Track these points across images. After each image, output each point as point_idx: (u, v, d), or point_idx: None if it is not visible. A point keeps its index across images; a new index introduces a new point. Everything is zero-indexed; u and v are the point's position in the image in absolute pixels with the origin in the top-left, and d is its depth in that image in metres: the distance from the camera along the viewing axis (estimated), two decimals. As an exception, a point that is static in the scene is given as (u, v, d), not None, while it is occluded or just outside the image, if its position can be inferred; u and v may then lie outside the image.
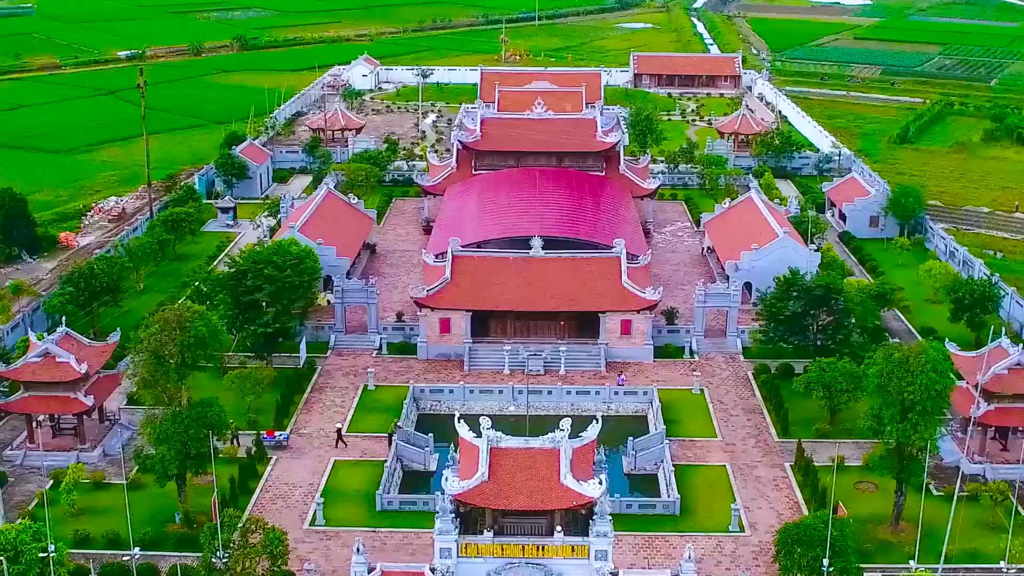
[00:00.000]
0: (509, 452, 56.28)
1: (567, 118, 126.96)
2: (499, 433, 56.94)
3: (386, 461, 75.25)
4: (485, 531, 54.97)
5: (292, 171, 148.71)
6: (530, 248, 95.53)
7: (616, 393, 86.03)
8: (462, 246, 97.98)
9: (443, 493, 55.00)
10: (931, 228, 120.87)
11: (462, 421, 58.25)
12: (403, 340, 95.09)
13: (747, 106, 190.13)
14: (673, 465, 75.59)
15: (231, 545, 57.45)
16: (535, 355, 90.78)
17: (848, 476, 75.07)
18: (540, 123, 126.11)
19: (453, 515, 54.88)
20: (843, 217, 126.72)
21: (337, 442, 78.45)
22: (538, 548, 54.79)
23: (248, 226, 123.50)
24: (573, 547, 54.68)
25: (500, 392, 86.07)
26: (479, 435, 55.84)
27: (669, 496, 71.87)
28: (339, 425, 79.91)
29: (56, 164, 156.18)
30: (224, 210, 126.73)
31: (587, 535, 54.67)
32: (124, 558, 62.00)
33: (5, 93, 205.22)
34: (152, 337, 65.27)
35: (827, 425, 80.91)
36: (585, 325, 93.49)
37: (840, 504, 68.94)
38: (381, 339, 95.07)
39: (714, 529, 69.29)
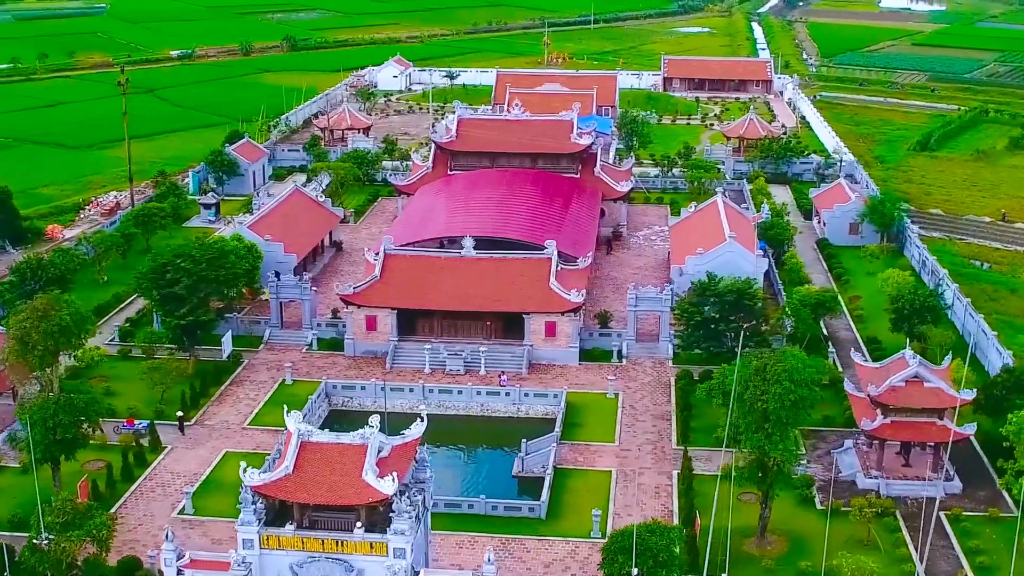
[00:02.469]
0: (319, 446, 56.41)
1: (543, 120, 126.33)
2: (310, 427, 57.23)
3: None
4: (288, 524, 55.26)
5: (292, 169, 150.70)
6: (462, 248, 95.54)
7: (527, 395, 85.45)
8: (400, 245, 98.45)
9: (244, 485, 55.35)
10: (909, 237, 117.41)
11: (290, 414, 58.45)
12: (335, 337, 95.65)
13: (769, 109, 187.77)
14: (558, 468, 75.01)
15: (54, 528, 58.59)
16: (455, 355, 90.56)
17: (735, 485, 73.28)
18: (516, 124, 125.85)
19: (255, 506, 55.22)
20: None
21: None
22: (338, 543, 54.81)
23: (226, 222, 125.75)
24: (372, 544, 54.57)
25: (411, 390, 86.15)
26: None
27: (538, 500, 71.09)
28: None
29: (71, 159, 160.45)
30: (207, 206, 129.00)
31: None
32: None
33: (49, 90, 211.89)
34: (19, 324, 66.84)
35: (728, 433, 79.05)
36: (512, 326, 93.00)
37: (698, 514, 67.53)
38: (314, 335, 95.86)
39: (576, 535, 68.24)
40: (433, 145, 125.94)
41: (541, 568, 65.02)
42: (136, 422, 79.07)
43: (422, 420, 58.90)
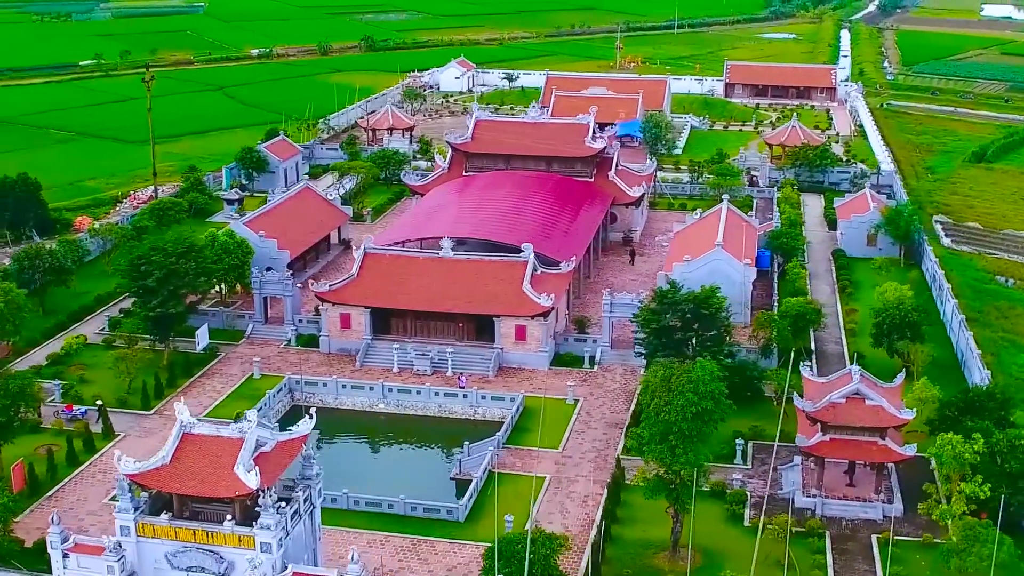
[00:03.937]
0: (199, 438, 57.15)
1: (558, 123, 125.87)
2: (194, 419, 58.03)
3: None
4: (164, 513, 56.15)
5: (328, 167, 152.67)
6: (441, 249, 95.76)
7: (484, 397, 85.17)
8: (388, 244, 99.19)
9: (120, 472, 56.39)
10: (925, 250, 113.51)
11: (180, 404, 59.24)
12: (314, 334, 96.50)
13: (829, 117, 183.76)
14: (494, 472, 74.61)
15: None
16: (422, 355, 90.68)
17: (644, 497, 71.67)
18: (531, 127, 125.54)
19: (132, 495, 56.26)
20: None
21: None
22: (208, 535, 55.45)
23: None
24: (240, 537, 55.09)
25: (371, 389, 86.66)
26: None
27: (459, 503, 70.78)
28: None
29: (125, 153, 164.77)
30: (230, 202, 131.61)
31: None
32: None
33: (123, 86, 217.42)
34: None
35: (675, 444, 77.51)
36: (484, 328, 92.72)
37: (605, 524, 66.41)
38: (294, 331, 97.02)
39: (489, 539, 67.29)
40: (448, 146, 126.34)
41: (443, 571, 64.72)
42: (75, 408, 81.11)
43: (311, 417, 59.38)
